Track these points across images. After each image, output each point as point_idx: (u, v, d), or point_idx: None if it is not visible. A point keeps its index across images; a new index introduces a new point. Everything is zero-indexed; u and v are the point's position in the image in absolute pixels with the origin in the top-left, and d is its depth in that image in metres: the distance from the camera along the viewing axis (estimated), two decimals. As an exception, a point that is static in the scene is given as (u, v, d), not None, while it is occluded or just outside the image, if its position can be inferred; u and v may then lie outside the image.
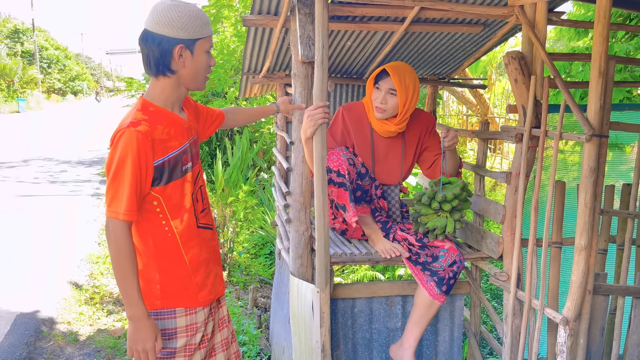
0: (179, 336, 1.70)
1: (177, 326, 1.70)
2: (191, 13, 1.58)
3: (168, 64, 1.59)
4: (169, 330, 1.70)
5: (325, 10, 1.96)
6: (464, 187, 2.28)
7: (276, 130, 3.43)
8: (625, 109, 2.92)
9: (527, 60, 2.20)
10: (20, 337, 3.50)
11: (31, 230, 5.88)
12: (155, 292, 1.68)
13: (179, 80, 1.64)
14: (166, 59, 1.58)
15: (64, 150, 12.55)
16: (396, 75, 2.28)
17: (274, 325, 3.30)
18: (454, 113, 13.86)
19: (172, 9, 1.56)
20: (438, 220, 2.28)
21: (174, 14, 1.55)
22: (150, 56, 1.59)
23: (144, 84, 11.35)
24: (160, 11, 1.56)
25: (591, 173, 1.97)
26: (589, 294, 2.19)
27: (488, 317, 3.86)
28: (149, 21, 1.58)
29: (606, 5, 1.88)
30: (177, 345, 1.70)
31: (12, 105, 26.21)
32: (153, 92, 1.65)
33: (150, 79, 1.66)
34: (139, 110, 1.60)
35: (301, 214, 2.30)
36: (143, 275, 1.67)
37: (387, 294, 2.50)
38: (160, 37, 1.56)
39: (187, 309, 1.71)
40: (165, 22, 1.55)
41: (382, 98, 2.33)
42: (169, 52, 1.57)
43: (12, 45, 34.90)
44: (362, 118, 2.46)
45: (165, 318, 1.69)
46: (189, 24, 1.57)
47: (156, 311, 1.68)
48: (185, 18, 1.56)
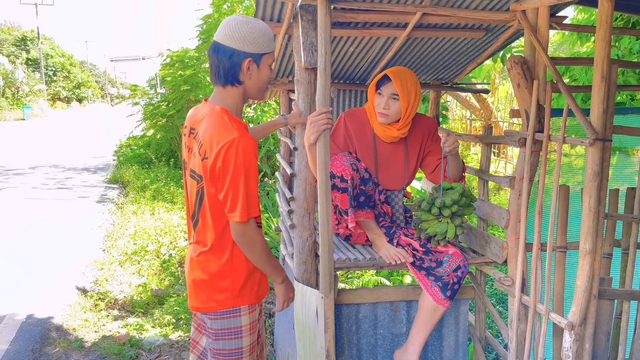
0: (244, 335, 1.77)
1: (242, 324, 1.77)
2: (261, 29, 1.70)
3: (236, 75, 1.70)
4: (235, 329, 1.76)
5: (327, 17, 1.97)
6: (464, 193, 2.27)
7: (280, 136, 3.44)
8: (628, 112, 2.92)
9: (529, 64, 2.20)
10: (26, 344, 3.51)
11: (36, 237, 5.91)
12: (225, 292, 1.74)
13: (244, 90, 1.75)
14: (235, 70, 1.70)
15: (70, 157, 12.61)
16: (398, 80, 2.29)
17: (279, 331, 3.30)
18: (458, 117, 13.85)
19: (245, 25, 1.68)
20: (438, 226, 2.27)
21: (246, 30, 1.67)
22: (220, 67, 1.70)
23: (148, 90, 11.41)
24: (234, 27, 1.68)
25: (595, 177, 1.96)
26: (594, 299, 2.18)
27: (493, 322, 3.84)
28: (221, 34, 1.69)
29: (608, 9, 1.89)
30: (243, 345, 1.77)
31: (17, 113, 26.37)
32: (227, 102, 1.73)
33: (216, 89, 1.75)
34: (231, 120, 1.67)
35: (305, 220, 2.30)
36: (217, 274, 1.74)
37: (391, 299, 2.49)
38: (231, 50, 1.68)
39: (249, 306, 1.78)
40: (238, 36, 1.67)
41: (384, 103, 2.34)
42: (238, 65, 1.69)
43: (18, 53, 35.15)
44: (364, 124, 2.46)
45: (231, 317, 1.76)
46: (259, 40, 1.69)
47: (222, 311, 1.75)
48: (256, 34, 1.68)
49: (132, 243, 5.67)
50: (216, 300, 1.74)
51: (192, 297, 1.80)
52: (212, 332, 1.78)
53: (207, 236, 1.74)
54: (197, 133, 1.71)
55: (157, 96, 11.11)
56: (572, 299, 2.06)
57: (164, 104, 10.17)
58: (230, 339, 1.77)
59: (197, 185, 1.71)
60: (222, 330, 1.76)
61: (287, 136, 3.33)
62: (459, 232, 2.28)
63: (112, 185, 9.29)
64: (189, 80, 9.35)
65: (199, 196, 1.71)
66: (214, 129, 1.64)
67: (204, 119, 1.69)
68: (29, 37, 36.82)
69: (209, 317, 1.77)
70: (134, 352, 3.43)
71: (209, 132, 1.64)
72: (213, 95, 1.76)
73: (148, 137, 11.28)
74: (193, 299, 1.80)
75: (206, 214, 1.71)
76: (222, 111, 1.69)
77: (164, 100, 10.31)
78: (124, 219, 6.75)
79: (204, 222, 1.73)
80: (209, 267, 1.74)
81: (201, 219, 1.74)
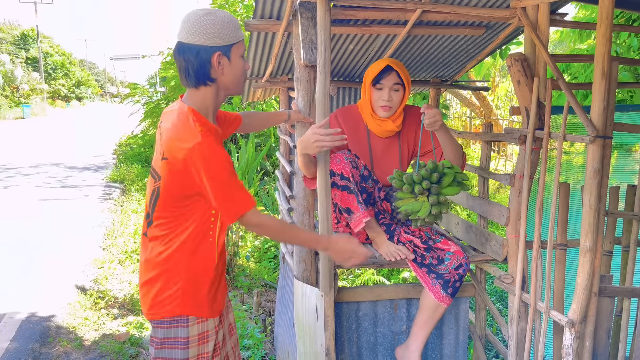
0: (191, 345, 1.69)
1: (190, 335, 1.69)
2: (223, 19, 1.58)
3: (208, 72, 1.59)
4: (182, 339, 1.68)
5: (327, 14, 1.97)
6: (437, 168, 2.12)
7: (279, 134, 3.44)
8: (629, 109, 2.91)
9: (529, 62, 2.20)
10: (26, 343, 3.51)
11: (36, 235, 5.91)
12: (174, 299, 1.66)
13: (219, 87, 1.64)
14: (205, 68, 1.58)
15: (70, 155, 12.61)
16: (399, 69, 2.30)
17: (279, 329, 3.30)
18: (458, 115, 13.84)
19: (205, 17, 1.56)
20: (411, 205, 2.14)
21: (208, 22, 1.56)
22: (188, 67, 1.59)
23: (147, 89, 11.41)
24: (194, 22, 1.56)
25: (595, 174, 1.96)
26: (594, 296, 2.18)
27: (493, 320, 3.84)
28: (183, 33, 1.58)
29: (609, 6, 1.88)
30: (189, 355, 1.69)
31: (16, 112, 26.35)
32: (196, 102, 1.63)
33: (187, 90, 1.65)
34: (196, 121, 1.58)
35: (305, 218, 2.30)
36: (167, 279, 1.65)
37: (391, 297, 2.49)
38: (197, 47, 1.56)
39: (198, 317, 1.70)
40: (200, 31, 1.55)
41: (387, 95, 2.32)
42: (208, 61, 1.58)
43: (17, 51, 35.12)
44: (357, 121, 2.45)
45: (179, 326, 1.68)
46: (223, 31, 1.57)
47: (171, 319, 1.67)
48: (219, 25, 1.57)
49: (132, 241, 5.67)
50: (164, 307, 1.65)
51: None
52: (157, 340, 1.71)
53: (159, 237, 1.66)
54: (162, 129, 1.63)
55: (157, 95, 11.10)
56: (573, 297, 2.05)
57: (164, 102, 10.17)
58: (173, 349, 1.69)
59: (155, 183, 1.64)
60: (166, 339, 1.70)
61: (287, 134, 3.33)
62: (434, 211, 2.13)
63: (112, 184, 9.28)
64: None
65: (154, 195, 1.64)
66: (177, 130, 1.56)
67: (169, 119, 1.61)
68: (30, 35, 36.78)
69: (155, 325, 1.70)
70: (134, 351, 3.43)
71: (170, 132, 1.57)
72: (186, 96, 1.66)
73: (148, 136, 11.27)
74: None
75: (160, 214, 1.64)
76: (190, 111, 1.59)
77: (164, 99, 10.30)
78: (124, 217, 6.76)
79: (157, 222, 1.65)
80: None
81: (155, 219, 1.66)
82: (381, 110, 2.35)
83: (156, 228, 1.66)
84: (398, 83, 2.31)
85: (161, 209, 1.63)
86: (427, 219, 2.15)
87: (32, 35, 36.83)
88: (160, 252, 1.66)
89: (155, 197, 1.63)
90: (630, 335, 2.46)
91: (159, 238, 1.66)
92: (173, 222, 1.63)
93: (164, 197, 1.61)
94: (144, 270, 1.71)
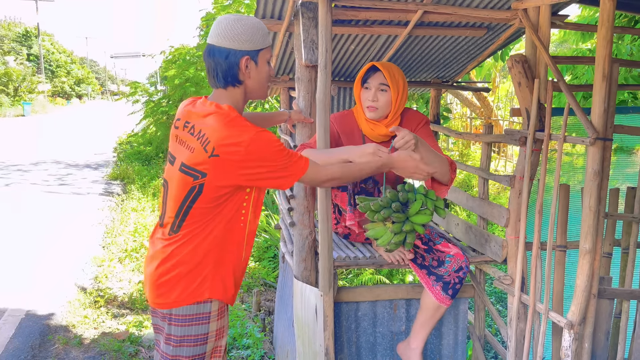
0: (209, 340, 1.73)
1: (209, 331, 1.72)
2: (254, 25, 1.66)
3: (236, 75, 1.67)
4: (203, 335, 1.71)
5: (328, 14, 1.97)
6: (395, 197, 2.05)
7: (280, 134, 3.44)
8: (629, 111, 2.91)
9: (530, 63, 2.20)
10: (25, 340, 3.51)
11: (36, 233, 5.91)
12: (203, 284, 1.69)
13: (245, 90, 1.72)
14: (234, 70, 1.66)
15: (71, 153, 12.62)
16: (385, 69, 2.24)
17: (278, 329, 3.30)
18: (458, 116, 13.84)
19: (237, 22, 1.65)
20: (375, 231, 2.10)
21: (239, 28, 1.64)
22: (217, 69, 1.67)
23: (148, 87, 11.40)
24: (226, 26, 1.64)
25: (595, 176, 1.96)
26: (593, 298, 2.18)
27: (492, 321, 3.84)
28: (214, 36, 1.66)
29: (610, 8, 1.88)
30: (206, 350, 1.73)
31: (17, 109, 26.35)
32: (231, 101, 1.70)
33: (214, 91, 1.72)
34: (239, 117, 1.64)
35: (305, 218, 2.30)
36: (196, 265, 1.68)
37: (391, 298, 2.49)
38: (227, 51, 1.65)
39: (219, 312, 1.73)
40: (231, 35, 1.64)
41: (372, 95, 2.26)
42: (236, 64, 1.66)
43: (19, 49, 35.11)
44: (352, 126, 2.41)
45: (200, 323, 1.70)
46: (253, 36, 1.66)
47: (197, 304, 1.69)
48: (250, 31, 1.65)
49: (132, 240, 5.68)
50: (193, 292, 1.69)
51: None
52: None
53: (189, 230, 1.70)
54: (195, 128, 1.66)
55: (157, 93, 11.10)
56: (572, 298, 2.06)
57: (165, 101, 10.16)
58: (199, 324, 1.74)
59: (193, 181, 1.66)
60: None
61: (287, 134, 3.33)
62: (395, 240, 2.07)
63: (112, 182, 9.29)
64: (192, 80, 9.33)
65: (194, 192, 1.66)
66: (227, 127, 1.60)
67: (210, 117, 1.64)
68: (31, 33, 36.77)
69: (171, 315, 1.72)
70: (133, 349, 3.44)
71: (219, 130, 1.60)
72: (213, 96, 1.71)
73: (148, 134, 11.26)
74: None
75: (196, 210, 1.67)
76: (230, 109, 1.65)
77: (164, 98, 10.30)
78: (124, 215, 6.76)
79: (192, 217, 1.68)
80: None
81: (190, 215, 1.69)
82: (367, 110, 2.29)
83: (191, 221, 1.68)
84: (384, 83, 2.25)
85: (203, 202, 1.66)
86: (389, 246, 2.13)
87: (33, 33, 36.83)
88: (191, 243, 1.69)
89: (196, 193, 1.66)
90: (629, 337, 2.46)
91: (193, 230, 1.68)
92: (209, 214, 1.67)
93: (208, 191, 1.65)
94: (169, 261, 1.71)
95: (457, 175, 8.61)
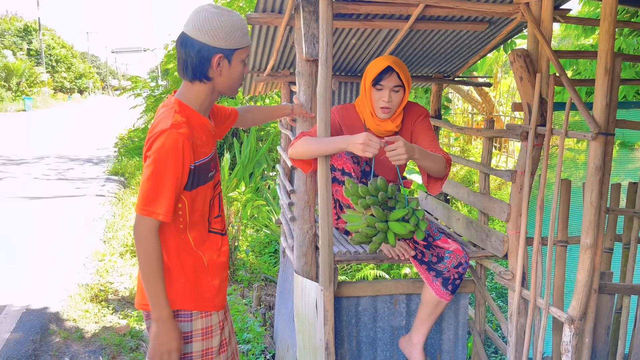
0: (194, 340, 1.68)
1: (193, 329, 1.68)
2: (233, 23, 1.56)
3: (205, 71, 1.58)
4: (185, 333, 1.67)
5: (329, 8, 1.96)
6: (384, 187, 1.96)
7: (280, 129, 3.43)
8: (631, 106, 2.91)
9: (532, 58, 2.19)
10: (27, 334, 3.52)
11: (38, 227, 5.92)
12: (175, 292, 1.65)
13: (214, 87, 1.63)
14: (204, 66, 1.57)
15: (73, 148, 12.62)
16: (400, 70, 2.24)
17: (279, 323, 3.31)
18: (460, 111, 13.81)
19: (215, 17, 1.54)
20: (351, 215, 2.03)
21: (217, 23, 1.53)
22: (187, 61, 1.58)
23: (149, 82, 11.39)
24: (203, 18, 1.54)
25: (597, 171, 1.95)
26: (594, 293, 2.18)
27: (493, 316, 3.85)
28: (190, 26, 1.56)
29: (612, 2, 1.87)
30: (192, 350, 1.68)
31: (18, 104, 26.35)
32: (188, 96, 1.63)
33: (183, 82, 1.64)
34: (177, 112, 1.57)
35: (305, 212, 2.30)
36: (166, 274, 1.63)
37: (391, 293, 2.49)
38: (200, 44, 1.55)
39: (202, 312, 1.69)
40: (207, 30, 1.53)
41: (387, 96, 2.25)
42: (207, 60, 1.57)
43: (19, 44, 35.07)
44: (355, 120, 2.40)
45: (182, 320, 1.67)
46: (230, 34, 1.55)
47: (173, 311, 1.65)
48: (228, 28, 1.55)
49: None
50: None
51: None
52: None
53: None
54: None
55: (158, 88, 11.09)
56: (573, 293, 2.05)
57: (167, 95, 10.14)
58: None
59: None
60: None
61: (288, 128, 3.32)
62: (368, 232, 1.97)
63: (113, 177, 9.29)
64: None
65: None
66: (158, 119, 1.57)
67: (160, 109, 1.63)
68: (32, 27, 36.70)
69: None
70: (134, 344, 3.45)
71: (154, 122, 1.59)
72: (180, 89, 1.66)
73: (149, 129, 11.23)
74: None
75: None
76: (175, 102, 1.59)
77: (166, 92, 10.29)
78: (124, 210, 6.77)
79: None
80: None
81: None
82: (381, 111, 2.28)
83: None
84: (399, 85, 2.24)
85: None
86: (356, 236, 2.00)
87: (34, 28, 36.76)
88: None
89: None
90: (630, 333, 2.46)
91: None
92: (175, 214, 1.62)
93: None
94: None
95: (458, 171, 8.61)
